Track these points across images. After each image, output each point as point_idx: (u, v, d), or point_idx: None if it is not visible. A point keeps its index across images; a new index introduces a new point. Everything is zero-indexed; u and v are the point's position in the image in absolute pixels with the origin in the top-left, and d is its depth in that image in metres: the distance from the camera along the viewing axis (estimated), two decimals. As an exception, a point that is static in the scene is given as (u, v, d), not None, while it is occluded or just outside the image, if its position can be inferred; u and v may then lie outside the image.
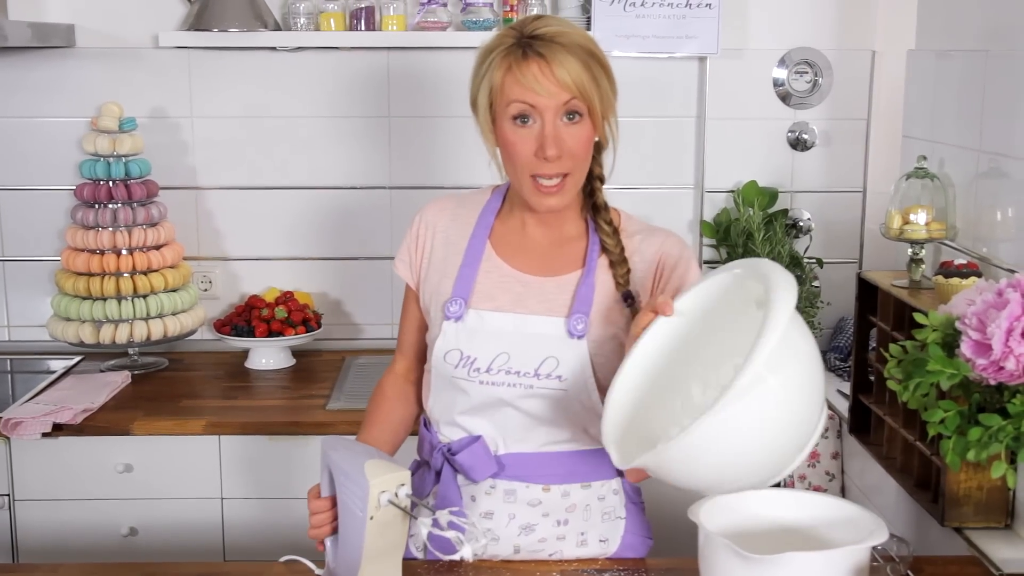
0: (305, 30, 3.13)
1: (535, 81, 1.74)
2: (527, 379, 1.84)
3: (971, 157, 2.42)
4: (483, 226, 1.93)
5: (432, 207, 2.00)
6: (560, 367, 1.83)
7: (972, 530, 2.04)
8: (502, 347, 1.84)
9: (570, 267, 1.89)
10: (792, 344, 1.48)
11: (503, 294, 1.87)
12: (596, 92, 1.77)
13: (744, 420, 1.45)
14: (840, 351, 3.11)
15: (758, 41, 3.22)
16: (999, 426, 1.48)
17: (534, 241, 1.91)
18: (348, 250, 3.34)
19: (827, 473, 2.75)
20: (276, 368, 3.19)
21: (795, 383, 1.49)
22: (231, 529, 2.81)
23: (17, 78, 3.23)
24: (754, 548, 1.54)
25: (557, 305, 1.86)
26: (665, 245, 1.90)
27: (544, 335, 1.84)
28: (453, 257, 1.92)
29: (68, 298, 3.07)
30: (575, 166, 1.79)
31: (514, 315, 1.85)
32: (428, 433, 1.98)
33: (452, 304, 1.87)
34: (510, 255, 1.91)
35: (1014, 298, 1.50)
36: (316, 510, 1.75)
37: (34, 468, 2.76)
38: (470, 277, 1.89)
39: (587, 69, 1.75)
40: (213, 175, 3.31)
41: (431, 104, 3.26)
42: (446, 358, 1.87)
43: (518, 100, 1.75)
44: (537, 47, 1.74)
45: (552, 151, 1.75)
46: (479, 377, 1.85)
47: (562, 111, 1.76)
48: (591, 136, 1.80)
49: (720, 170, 3.27)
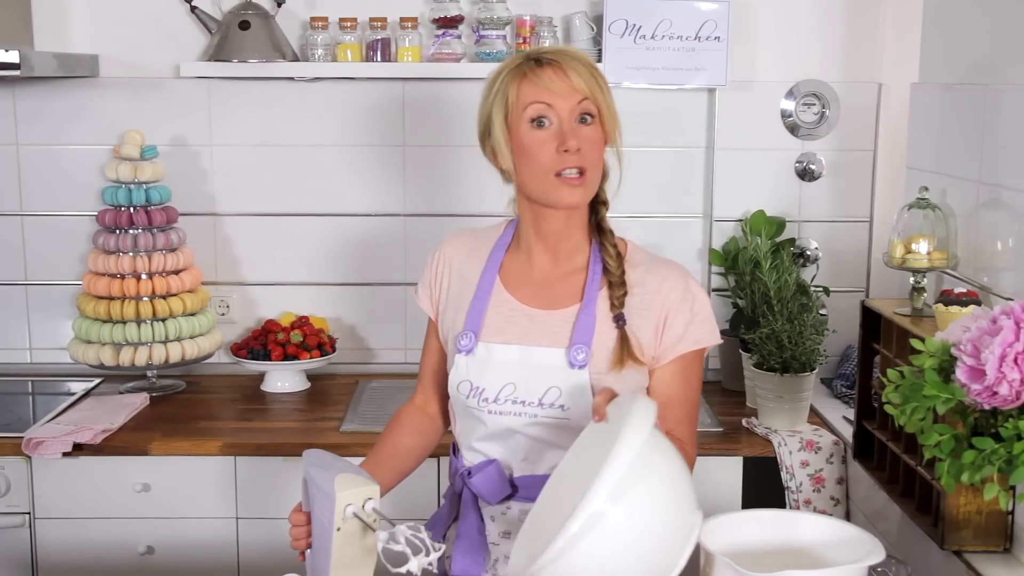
0: (322, 61, 3.20)
1: (550, 82, 1.84)
2: (532, 408, 1.91)
3: (972, 188, 2.47)
4: (494, 261, 2.01)
5: (449, 243, 2.08)
6: (563, 397, 1.89)
7: (971, 553, 2.07)
8: (508, 378, 1.91)
9: (571, 300, 1.94)
10: (642, 475, 1.49)
11: (511, 327, 1.94)
12: (604, 100, 1.88)
13: (590, 558, 1.47)
14: (846, 378, 3.15)
15: (766, 73, 3.27)
16: (992, 449, 1.52)
17: (541, 273, 1.97)
18: (363, 276, 3.40)
19: (832, 498, 2.79)
20: (291, 391, 3.25)
21: (644, 517, 1.49)
22: (246, 548, 2.85)
23: (42, 107, 3.31)
24: (755, 568, 1.58)
25: (560, 337, 1.91)
26: (665, 286, 1.92)
27: (547, 366, 1.90)
28: (467, 292, 2.00)
29: (89, 321, 3.13)
30: (592, 164, 1.88)
31: (520, 347, 1.92)
32: (455, 459, 2.05)
33: (463, 338, 1.95)
34: (517, 289, 1.97)
35: (1008, 325, 1.54)
36: (294, 523, 1.87)
37: (54, 487, 2.82)
38: (480, 311, 1.96)
39: (595, 79, 1.87)
40: (231, 202, 3.37)
41: (445, 133, 3.32)
42: (459, 388, 1.95)
43: (536, 101, 1.85)
44: (549, 57, 1.87)
45: (573, 142, 1.83)
46: (488, 407, 1.93)
47: (576, 112, 1.85)
48: (603, 139, 1.89)
49: (729, 199, 3.32)
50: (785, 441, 2.79)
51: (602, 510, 1.46)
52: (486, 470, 1.95)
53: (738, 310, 3.21)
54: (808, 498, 2.78)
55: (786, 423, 2.87)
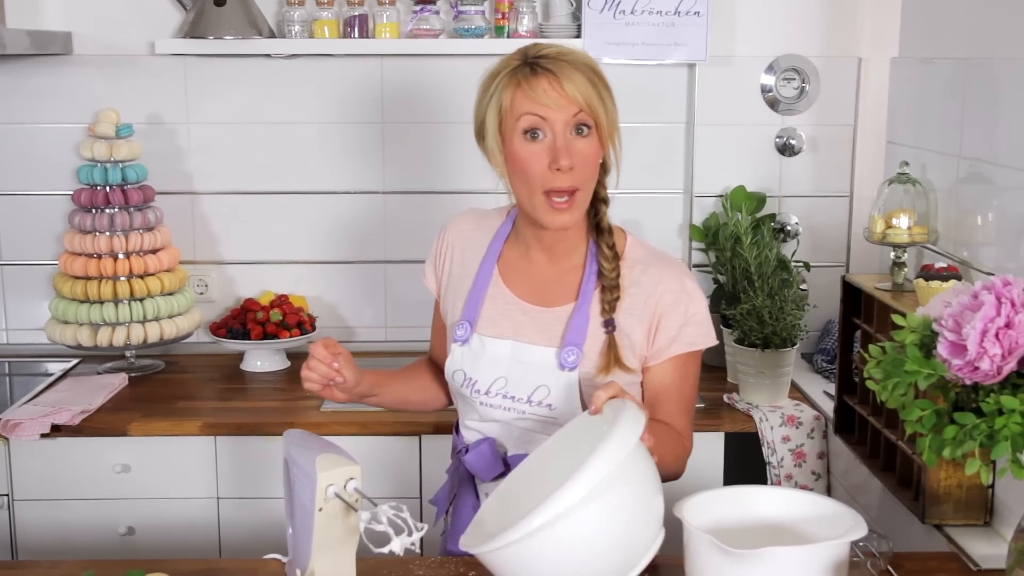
0: (299, 38, 3.17)
1: (545, 95, 1.78)
2: (520, 404, 1.91)
3: (952, 163, 2.47)
4: (493, 251, 1.99)
5: (453, 227, 2.07)
6: (551, 396, 1.89)
7: (952, 527, 2.09)
8: (500, 372, 1.92)
9: (566, 298, 1.92)
10: (616, 485, 1.50)
11: (505, 321, 1.94)
12: (602, 108, 1.81)
13: (544, 551, 1.49)
14: (826, 353, 3.16)
15: (746, 48, 3.26)
16: (973, 424, 1.51)
17: (537, 268, 1.96)
18: (342, 254, 3.38)
19: (813, 473, 2.80)
20: (271, 370, 3.23)
21: (607, 526, 1.51)
22: (227, 528, 2.85)
23: (15, 85, 3.27)
24: (737, 544, 1.58)
25: (552, 336, 1.91)
26: (660, 288, 1.90)
27: (538, 364, 1.90)
28: (465, 279, 2.00)
29: (66, 301, 3.11)
30: (584, 181, 1.83)
31: (513, 343, 1.92)
32: (456, 436, 2.07)
33: (459, 328, 1.96)
34: (514, 282, 1.96)
35: (989, 300, 1.54)
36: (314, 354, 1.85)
37: (33, 468, 2.80)
38: (477, 301, 1.96)
39: (593, 86, 1.80)
40: (209, 180, 3.35)
41: (424, 110, 3.30)
42: (453, 377, 1.98)
43: (529, 113, 1.79)
44: (544, 64, 1.79)
45: (565, 161, 1.78)
46: (479, 398, 1.94)
47: (572, 124, 1.80)
48: (599, 151, 1.84)
49: (709, 175, 3.31)
50: (766, 416, 2.80)
51: (571, 507, 1.46)
52: (480, 448, 1.96)
53: (719, 286, 3.21)
54: (789, 473, 2.79)
55: (767, 398, 2.87)
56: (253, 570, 1.88)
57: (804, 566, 1.59)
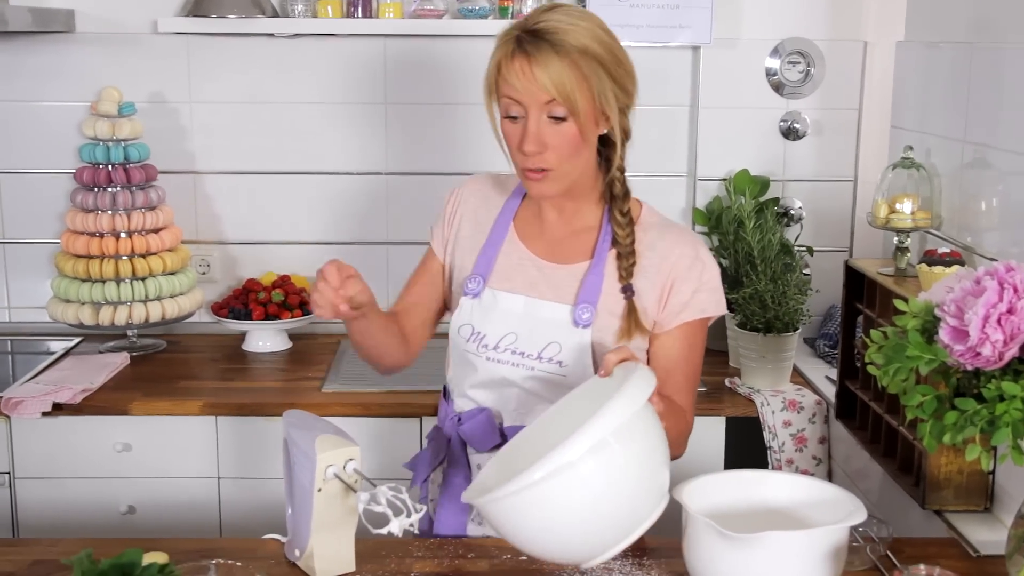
0: (303, 17, 3.16)
1: (516, 79, 1.77)
2: (530, 360, 1.90)
3: (956, 147, 2.46)
4: (509, 208, 2.00)
5: (470, 185, 2.06)
6: (562, 353, 1.88)
7: (952, 513, 2.09)
8: (511, 327, 1.91)
9: (581, 256, 1.93)
10: (621, 442, 1.51)
11: (519, 276, 1.93)
12: (583, 92, 1.76)
13: (545, 501, 1.49)
14: (829, 338, 3.15)
15: (751, 31, 3.25)
16: (974, 410, 1.51)
17: (551, 227, 1.96)
18: (345, 235, 3.38)
19: (814, 458, 2.80)
20: (272, 351, 3.23)
21: (610, 483, 1.51)
22: (227, 507, 2.85)
23: (17, 63, 3.26)
24: (737, 528, 1.58)
25: (566, 293, 1.90)
26: (675, 252, 1.90)
27: (551, 320, 1.89)
28: (479, 236, 1.99)
29: (68, 280, 3.11)
30: (556, 163, 1.81)
31: (526, 298, 1.91)
32: (445, 403, 2.06)
33: (471, 281, 1.95)
34: (529, 239, 1.96)
35: (991, 286, 1.54)
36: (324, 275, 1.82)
37: (34, 447, 2.80)
38: (491, 256, 1.96)
39: (575, 68, 1.75)
40: (211, 160, 3.34)
41: (427, 91, 3.29)
42: (459, 331, 1.96)
43: (505, 96, 1.80)
44: (527, 44, 1.76)
45: (529, 147, 1.78)
46: (486, 353, 1.93)
47: (545, 110, 1.78)
48: (577, 136, 1.80)
49: (713, 158, 3.30)
50: (768, 401, 2.80)
51: (574, 461, 1.47)
52: (477, 418, 1.95)
53: (722, 269, 3.20)
54: (790, 458, 2.79)
55: (769, 383, 2.87)
56: (253, 550, 1.88)
57: (803, 551, 1.59)
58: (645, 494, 1.56)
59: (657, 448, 1.58)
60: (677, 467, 1.92)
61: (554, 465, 1.46)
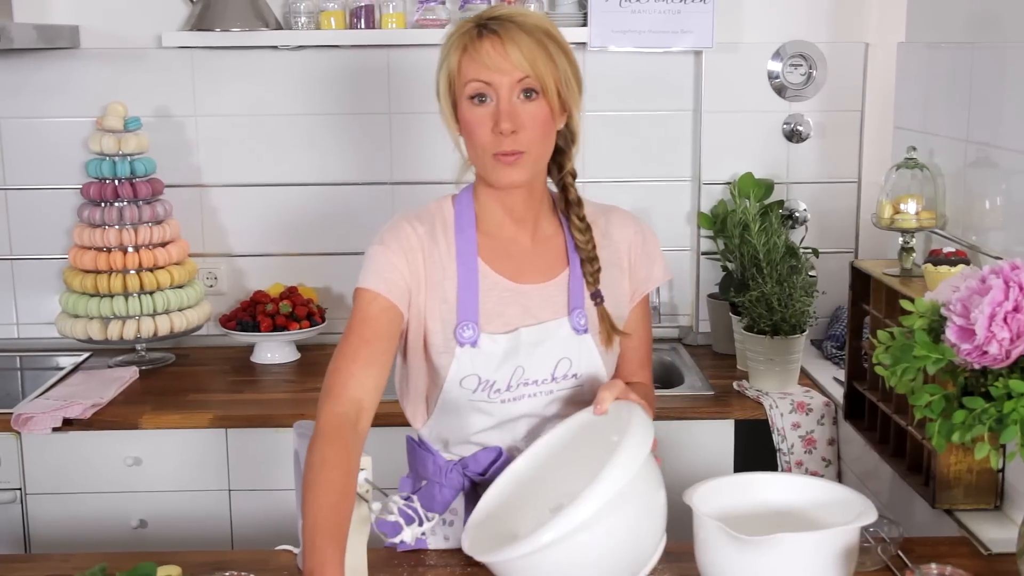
0: (306, 29, 3.17)
1: (488, 57, 1.74)
2: (546, 386, 1.87)
3: (960, 147, 2.46)
4: (467, 240, 1.87)
5: (409, 231, 1.87)
6: (574, 365, 1.87)
7: (962, 512, 2.09)
8: (517, 362, 1.84)
9: (558, 267, 1.89)
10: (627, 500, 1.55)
11: (508, 308, 1.86)
12: (552, 71, 1.76)
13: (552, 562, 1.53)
14: (836, 339, 3.16)
15: (753, 35, 3.26)
16: (982, 408, 1.51)
17: (517, 246, 1.89)
18: (351, 245, 3.38)
19: (823, 459, 2.80)
20: (281, 362, 3.24)
21: (616, 540, 1.55)
22: (239, 520, 2.86)
23: (23, 79, 3.28)
24: (747, 531, 1.59)
25: (559, 306, 1.87)
26: (626, 231, 1.94)
27: (554, 338, 1.85)
28: (448, 280, 1.85)
29: (76, 295, 3.12)
30: (532, 144, 1.78)
31: (525, 328, 1.85)
32: (428, 453, 1.97)
33: (464, 329, 1.82)
34: (502, 266, 1.87)
35: (996, 284, 1.54)
36: None
37: (45, 462, 2.81)
38: (473, 299, 1.84)
39: (542, 47, 1.75)
40: (217, 173, 3.35)
41: (431, 100, 3.22)
42: (463, 383, 1.84)
43: (473, 79, 1.76)
44: (492, 26, 1.75)
45: (507, 124, 1.74)
46: (500, 397, 1.86)
47: (517, 88, 1.75)
48: (548, 116, 1.78)
49: (716, 162, 3.31)
50: (776, 403, 2.80)
51: (580, 525, 1.50)
52: (496, 464, 1.89)
53: (727, 273, 3.21)
54: (800, 460, 2.79)
55: (777, 385, 2.87)
56: (265, 561, 1.88)
57: (815, 552, 1.59)
58: (647, 539, 1.60)
59: (656, 494, 1.62)
60: (686, 471, 1.93)
61: (561, 530, 1.50)
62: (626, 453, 1.55)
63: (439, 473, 1.94)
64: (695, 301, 3.37)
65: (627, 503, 1.54)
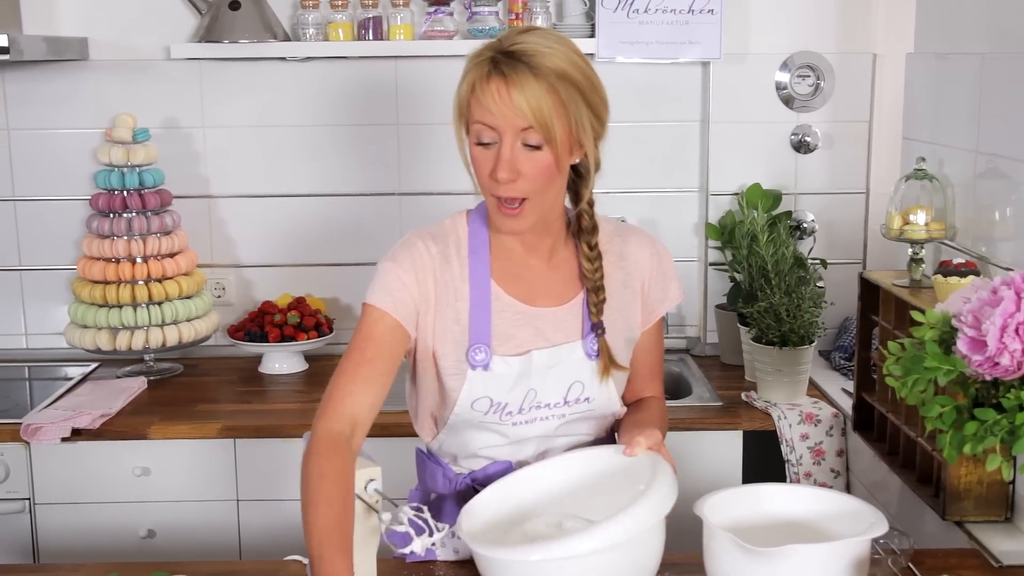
0: (314, 40, 3.18)
1: (492, 103, 1.68)
2: (559, 409, 1.87)
3: (969, 158, 2.46)
4: (480, 262, 1.84)
5: (421, 249, 1.84)
6: (586, 389, 1.86)
7: (973, 523, 2.08)
8: (529, 385, 1.83)
9: (573, 291, 1.88)
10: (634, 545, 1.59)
11: (521, 331, 1.84)
12: (561, 119, 1.69)
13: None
14: (844, 350, 3.15)
15: (760, 45, 3.26)
16: (994, 420, 1.51)
17: (532, 270, 1.87)
18: (359, 256, 3.39)
19: (832, 470, 2.79)
20: (289, 372, 3.24)
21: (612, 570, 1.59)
22: (247, 530, 2.85)
23: (32, 91, 3.29)
24: (757, 542, 1.58)
25: (572, 330, 1.86)
26: (642, 254, 1.93)
27: (567, 361, 1.85)
28: (461, 302, 1.83)
29: (85, 306, 3.12)
30: (533, 191, 1.73)
31: (538, 351, 1.83)
32: (437, 466, 1.96)
33: (477, 352, 1.81)
34: (515, 289, 1.85)
35: (1008, 295, 1.54)
36: None
37: (53, 472, 2.81)
38: (485, 321, 1.82)
39: (553, 93, 1.67)
40: (225, 184, 3.36)
41: (438, 111, 3.30)
42: (474, 406, 1.83)
43: (478, 121, 1.71)
44: (503, 66, 1.68)
45: (503, 174, 1.70)
46: (512, 420, 1.85)
47: (520, 136, 1.70)
48: (552, 165, 1.72)
49: (724, 173, 3.31)
50: (785, 414, 2.79)
51: (586, 552, 1.53)
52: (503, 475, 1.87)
53: (735, 284, 3.21)
54: (808, 471, 2.78)
55: (785, 396, 2.87)
56: (273, 572, 1.89)
57: (825, 564, 1.59)
58: None
59: (654, 551, 1.65)
60: (695, 482, 1.93)
61: (554, 553, 1.53)
62: (645, 506, 1.58)
63: (448, 485, 1.93)
64: (703, 312, 3.37)
65: (627, 548, 1.57)
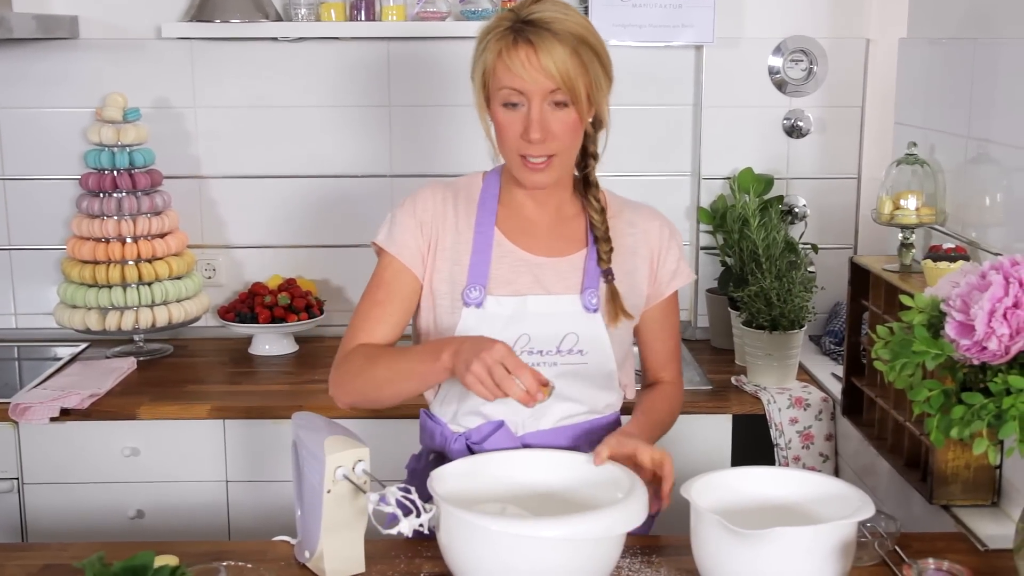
0: (306, 20, 3.17)
1: (522, 68, 1.79)
2: (550, 357, 1.91)
3: (960, 143, 2.46)
4: (487, 211, 1.96)
5: (429, 196, 1.98)
6: (580, 342, 1.91)
7: (959, 507, 2.09)
8: (523, 329, 1.90)
9: (576, 245, 1.96)
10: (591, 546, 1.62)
11: (520, 278, 1.93)
12: (583, 79, 1.81)
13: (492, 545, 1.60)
14: (834, 335, 3.16)
15: (754, 30, 3.25)
16: (981, 404, 1.51)
17: (537, 222, 1.97)
18: (350, 237, 3.38)
19: (821, 454, 2.80)
20: (279, 354, 3.24)
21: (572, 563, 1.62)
22: (236, 511, 2.86)
23: (22, 69, 3.27)
24: (744, 524, 1.59)
25: (572, 283, 1.93)
26: (653, 224, 2.01)
27: (563, 312, 1.91)
28: (463, 245, 1.94)
29: (74, 286, 3.11)
30: (561, 148, 1.85)
31: (534, 297, 1.91)
32: (436, 424, 2.01)
33: (472, 291, 1.90)
34: (519, 238, 1.95)
35: (996, 280, 1.54)
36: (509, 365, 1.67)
37: (42, 452, 2.81)
38: (484, 264, 1.92)
39: (575, 55, 1.79)
40: (216, 164, 3.35)
41: (431, 93, 3.30)
42: None
43: (507, 86, 1.82)
44: (527, 33, 1.79)
45: (536, 134, 1.81)
46: None
47: (549, 98, 1.81)
48: (577, 122, 1.84)
49: (716, 157, 3.31)
50: (774, 398, 2.80)
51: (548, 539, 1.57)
52: (495, 436, 1.92)
53: (726, 268, 3.21)
54: (797, 455, 2.79)
55: (775, 380, 2.87)
56: (262, 552, 1.88)
57: (811, 546, 1.59)
58: None
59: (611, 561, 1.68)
60: (683, 465, 1.93)
61: (512, 531, 1.57)
62: (621, 517, 1.62)
63: (445, 443, 1.99)
64: (694, 296, 3.37)
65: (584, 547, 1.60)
